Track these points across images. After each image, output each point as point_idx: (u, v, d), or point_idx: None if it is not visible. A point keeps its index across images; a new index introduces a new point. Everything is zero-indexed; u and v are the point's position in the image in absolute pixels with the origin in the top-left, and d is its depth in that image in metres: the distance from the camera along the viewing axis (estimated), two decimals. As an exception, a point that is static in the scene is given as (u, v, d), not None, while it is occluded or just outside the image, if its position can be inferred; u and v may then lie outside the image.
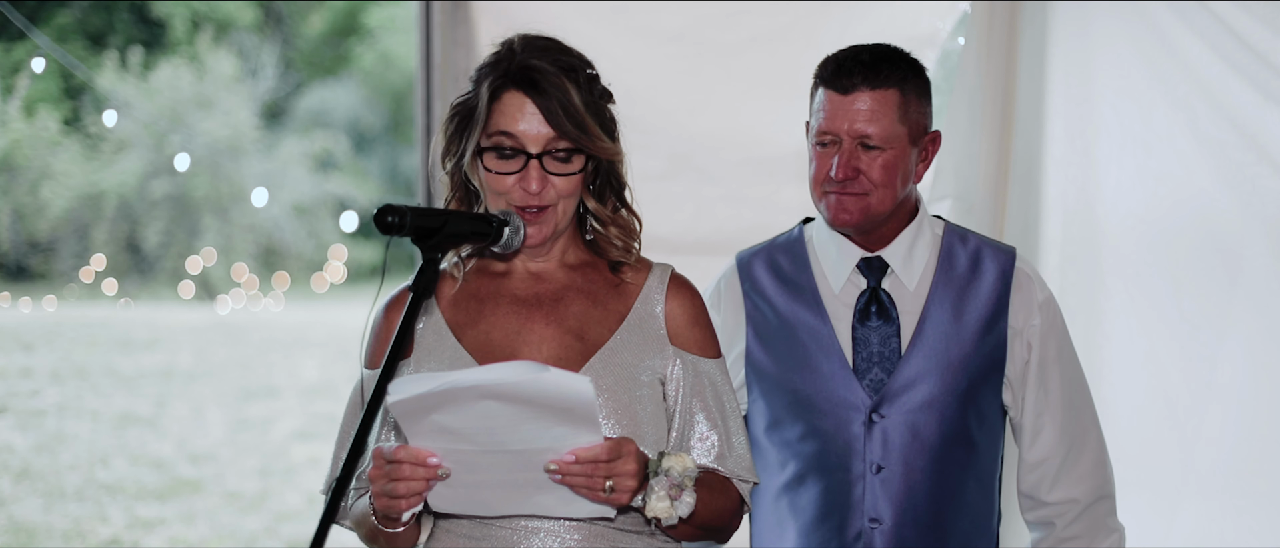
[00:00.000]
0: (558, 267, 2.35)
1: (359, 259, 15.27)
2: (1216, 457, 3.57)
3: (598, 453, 2.08)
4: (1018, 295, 2.75)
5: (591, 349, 2.29)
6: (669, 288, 2.36)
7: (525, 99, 2.23)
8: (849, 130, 2.65)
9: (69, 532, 9.36)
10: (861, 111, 2.64)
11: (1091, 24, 3.68)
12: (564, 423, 2.06)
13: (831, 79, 2.67)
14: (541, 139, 2.23)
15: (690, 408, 2.33)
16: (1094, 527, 2.79)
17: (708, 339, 2.37)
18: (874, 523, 2.70)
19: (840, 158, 2.65)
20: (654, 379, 2.31)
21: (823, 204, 2.71)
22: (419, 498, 2.12)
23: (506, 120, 2.23)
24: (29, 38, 12.04)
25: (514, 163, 2.24)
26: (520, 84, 2.23)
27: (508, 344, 2.30)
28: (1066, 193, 3.73)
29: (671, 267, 2.40)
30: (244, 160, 15.15)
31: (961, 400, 2.71)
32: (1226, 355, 3.57)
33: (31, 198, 14.51)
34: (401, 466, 2.09)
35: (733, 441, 2.35)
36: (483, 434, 2.06)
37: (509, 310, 2.33)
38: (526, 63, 2.24)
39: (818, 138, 2.69)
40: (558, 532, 2.24)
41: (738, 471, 2.35)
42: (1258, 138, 3.51)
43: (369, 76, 15.78)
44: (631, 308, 2.33)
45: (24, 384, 12.49)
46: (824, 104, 2.68)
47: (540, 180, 2.24)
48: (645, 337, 2.32)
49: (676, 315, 2.34)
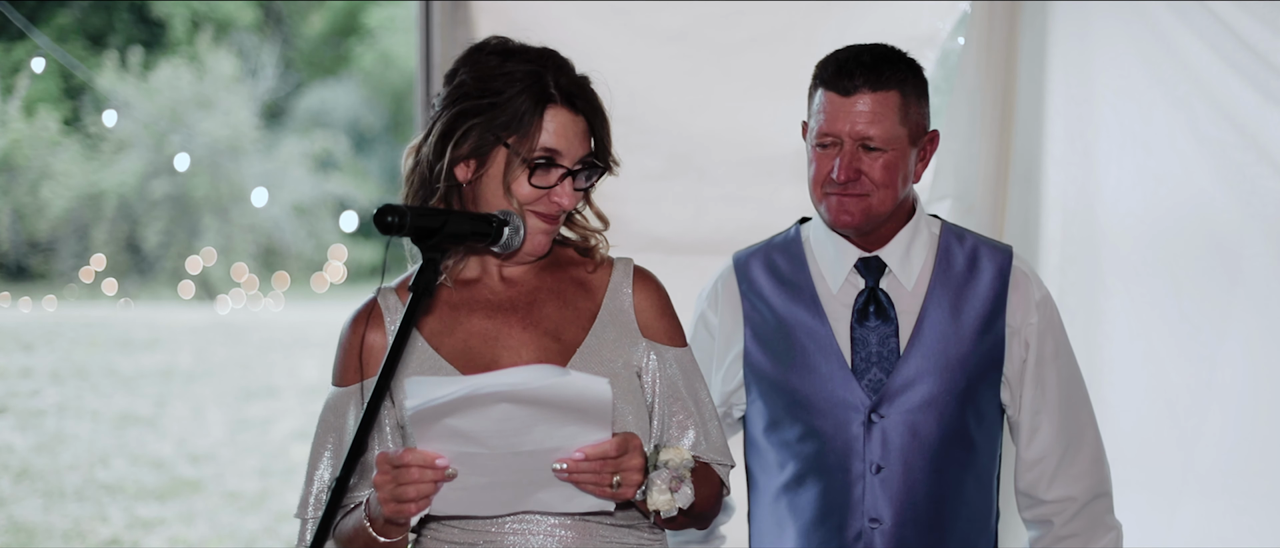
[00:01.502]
0: (528, 270, 2.37)
1: (359, 259, 15.26)
2: (1216, 457, 3.57)
3: (607, 449, 2.09)
4: (1015, 294, 2.76)
5: (569, 349, 2.31)
6: (635, 281, 2.38)
7: (573, 117, 2.26)
8: (850, 132, 2.65)
9: (69, 532, 9.36)
10: (863, 113, 2.64)
11: (1091, 24, 3.68)
12: (575, 423, 2.06)
13: (833, 80, 2.67)
14: (575, 156, 2.27)
15: (666, 396, 2.35)
16: (1092, 524, 2.79)
17: (675, 329, 2.40)
18: (874, 523, 2.70)
19: (842, 159, 2.65)
20: (631, 373, 2.33)
21: (823, 205, 2.71)
22: (428, 501, 2.12)
23: (553, 138, 2.25)
24: (29, 38, 12.04)
25: (551, 176, 2.26)
26: (570, 103, 2.26)
27: (487, 351, 2.31)
28: (1066, 193, 3.73)
29: (632, 259, 2.42)
30: (244, 160, 15.15)
31: (960, 400, 2.71)
32: (1226, 355, 3.57)
33: (31, 198, 14.50)
34: (409, 469, 2.09)
35: (707, 427, 2.38)
36: (495, 437, 2.07)
37: (484, 317, 2.33)
38: (577, 80, 2.28)
39: (818, 139, 2.69)
40: (550, 529, 2.25)
41: (715, 455, 2.38)
42: (1258, 138, 3.51)
43: (369, 76, 15.78)
44: (601, 304, 2.36)
45: (24, 384, 12.49)
46: (825, 105, 2.67)
47: (572, 196, 2.28)
48: (619, 331, 2.34)
49: (645, 308, 2.37)
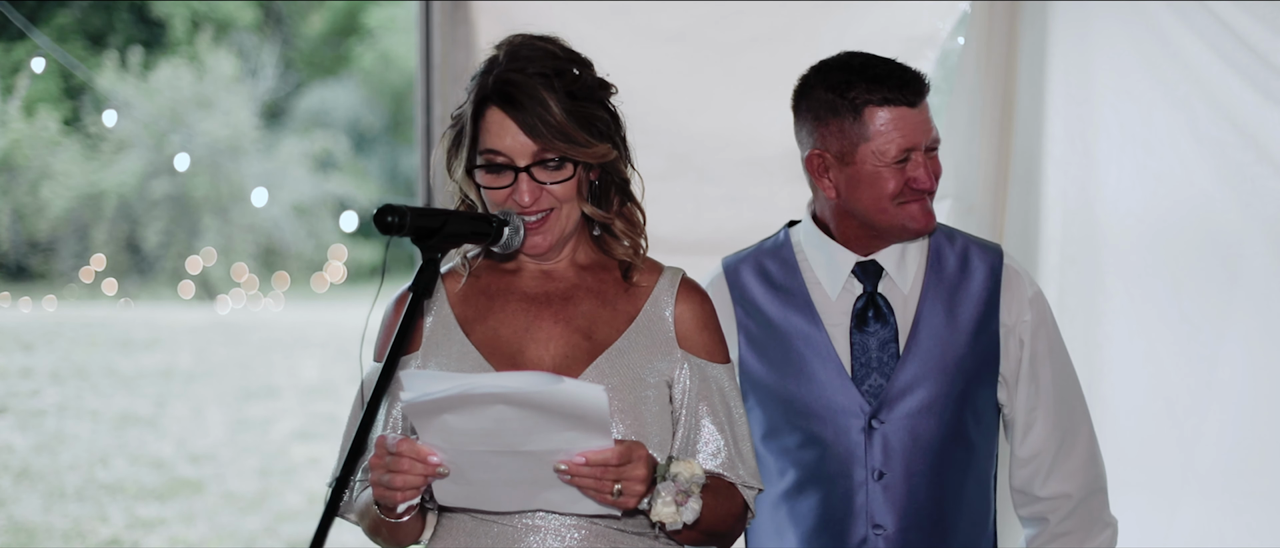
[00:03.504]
0: (568, 266, 2.35)
1: (359, 259, 15.27)
2: (1216, 457, 3.57)
3: (608, 457, 2.08)
4: (1007, 293, 2.75)
5: (599, 349, 2.29)
6: (679, 292, 2.35)
7: (505, 115, 2.23)
8: (927, 139, 2.66)
9: (69, 532, 9.36)
10: (928, 120, 2.67)
11: (1091, 24, 3.68)
12: (574, 428, 2.06)
13: (897, 94, 2.64)
14: (528, 151, 2.23)
15: (696, 412, 2.32)
16: (1088, 521, 2.79)
17: (717, 344, 2.37)
18: (877, 529, 2.69)
19: (928, 166, 2.66)
20: (660, 382, 2.30)
21: (903, 214, 2.68)
22: (415, 492, 2.12)
23: (492, 137, 2.24)
24: (29, 38, 12.04)
25: (505, 177, 2.25)
26: (499, 101, 2.23)
27: (516, 341, 2.30)
28: (1066, 193, 3.73)
29: (683, 271, 2.39)
30: (244, 160, 15.16)
31: (958, 401, 2.71)
32: (1226, 355, 3.57)
33: (31, 198, 14.51)
34: (401, 459, 2.10)
35: (740, 447, 2.34)
36: (494, 436, 2.07)
37: (518, 307, 2.33)
38: (503, 77, 2.23)
39: (898, 154, 2.65)
40: (559, 530, 2.24)
41: (745, 477, 2.34)
42: (1258, 138, 3.51)
43: (369, 76, 15.79)
44: (641, 310, 2.33)
45: (24, 384, 12.49)
46: (894, 121, 2.64)
47: (532, 191, 2.24)
48: (653, 339, 2.32)
49: (686, 320, 2.34)
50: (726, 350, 2.39)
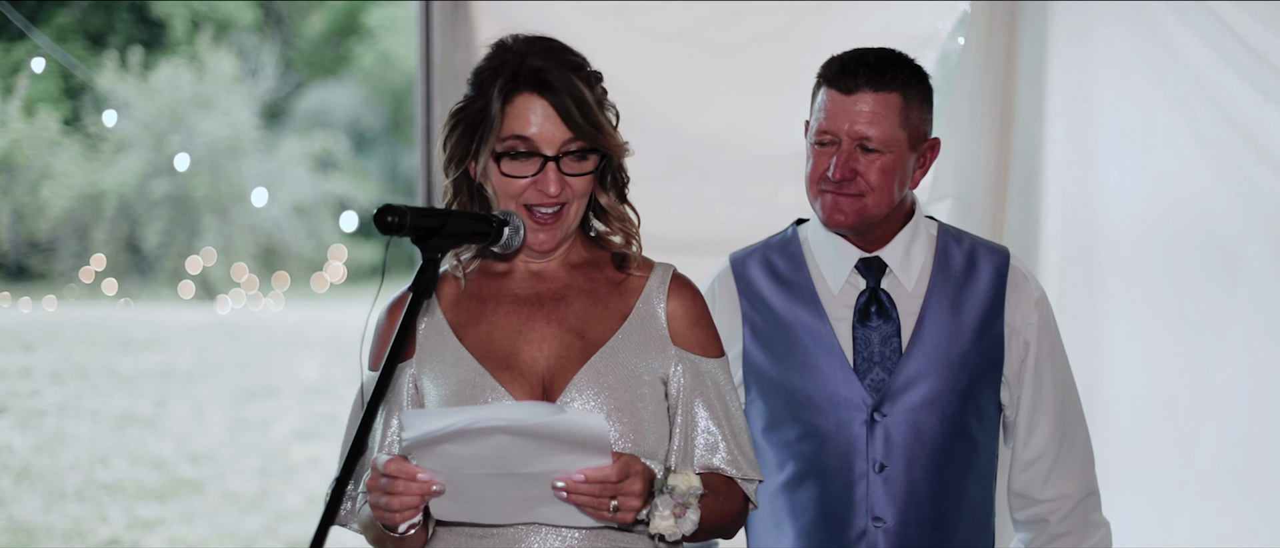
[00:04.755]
0: (559, 266, 2.36)
1: (359, 259, 15.26)
2: (1216, 457, 3.57)
3: (607, 474, 2.09)
4: (1014, 294, 2.76)
5: (592, 348, 2.29)
6: (671, 288, 2.36)
7: (539, 101, 2.23)
8: (849, 131, 2.65)
9: (69, 532, 9.36)
10: (863, 113, 2.65)
11: (1091, 24, 3.68)
12: (574, 452, 2.07)
13: (835, 79, 2.67)
14: (556, 141, 2.24)
15: (692, 407, 2.33)
16: (1083, 523, 2.81)
17: (710, 339, 2.37)
18: (877, 522, 2.70)
19: (838, 158, 2.65)
20: (655, 379, 2.31)
21: (818, 203, 2.72)
22: (414, 511, 2.13)
23: (520, 124, 2.23)
24: (29, 38, 12.03)
25: (530, 165, 2.24)
26: (533, 86, 2.23)
27: (509, 344, 2.30)
28: (1066, 193, 3.73)
29: (673, 267, 2.40)
30: (244, 160, 15.15)
31: (961, 398, 2.72)
32: (1226, 356, 3.57)
33: (31, 198, 14.51)
34: (396, 481, 2.10)
35: (738, 439, 2.35)
36: (493, 462, 2.07)
37: (510, 310, 2.33)
38: (536, 64, 2.23)
39: (817, 137, 2.69)
40: (560, 531, 2.24)
41: (745, 470, 2.35)
42: (1258, 138, 3.51)
43: (369, 76, 15.78)
44: (633, 307, 2.34)
45: (24, 384, 12.48)
46: (826, 103, 2.68)
47: (558, 182, 2.25)
48: (647, 336, 2.32)
49: (678, 316, 2.34)
50: (720, 345, 2.39)
